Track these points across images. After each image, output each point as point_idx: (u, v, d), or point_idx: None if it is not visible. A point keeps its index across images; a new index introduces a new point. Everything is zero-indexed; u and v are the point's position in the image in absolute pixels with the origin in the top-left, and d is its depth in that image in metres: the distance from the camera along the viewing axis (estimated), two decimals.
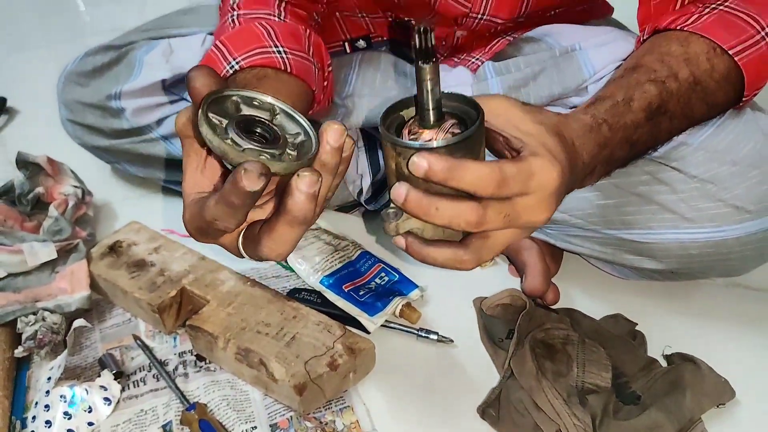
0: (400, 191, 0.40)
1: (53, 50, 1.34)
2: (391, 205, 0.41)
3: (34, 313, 0.70)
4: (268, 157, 0.38)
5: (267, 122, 0.40)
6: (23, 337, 0.69)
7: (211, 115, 0.39)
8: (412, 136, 0.41)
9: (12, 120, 1.15)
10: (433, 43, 0.36)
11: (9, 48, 1.39)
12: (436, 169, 0.38)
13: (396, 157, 0.41)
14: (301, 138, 0.41)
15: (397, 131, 0.42)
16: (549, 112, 0.46)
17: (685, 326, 0.74)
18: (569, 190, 0.47)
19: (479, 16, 0.73)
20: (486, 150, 0.43)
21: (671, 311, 0.76)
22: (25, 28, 1.46)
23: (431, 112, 0.40)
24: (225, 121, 0.39)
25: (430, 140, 0.40)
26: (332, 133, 0.39)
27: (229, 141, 0.38)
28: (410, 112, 0.43)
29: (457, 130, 0.41)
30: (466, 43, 0.81)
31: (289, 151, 0.40)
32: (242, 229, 0.43)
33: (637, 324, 0.72)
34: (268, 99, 0.42)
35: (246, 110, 0.41)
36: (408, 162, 0.39)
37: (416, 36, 0.36)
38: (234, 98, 0.41)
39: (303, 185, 0.37)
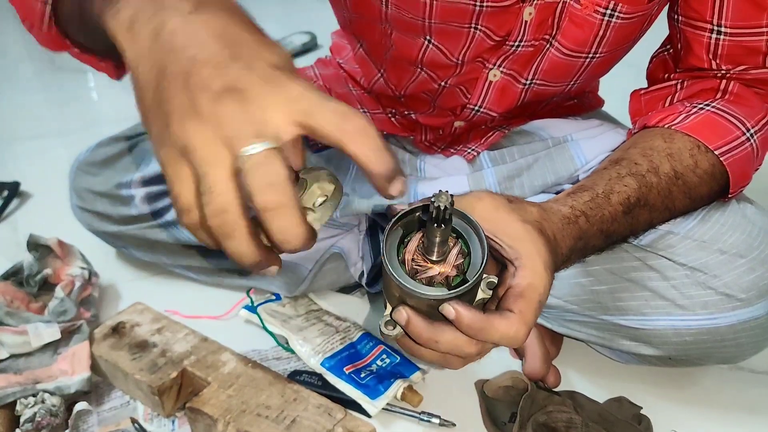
0: (402, 316, 0.43)
1: (66, 138, 1.40)
2: (391, 316, 0.43)
3: (34, 395, 0.70)
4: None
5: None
6: (21, 419, 0.68)
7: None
8: (416, 266, 0.42)
9: (24, 203, 1.18)
10: (450, 214, 0.38)
11: (24, 135, 1.45)
12: (464, 320, 0.41)
13: (398, 289, 0.42)
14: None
15: (402, 237, 0.43)
16: (530, 208, 0.48)
17: (691, 410, 0.74)
18: None
19: (476, 108, 0.77)
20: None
21: (675, 394, 0.76)
22: (40, 117, 1.52)
23: (436, 253, 0.42)
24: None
25: (434, 277, 0.42)
26: None
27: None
28: (412, 220, 0.44)
29: (461, 260, 0.42)
30: (462, 134, 0.85)
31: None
32: None
33: (641, 408, 0.71)
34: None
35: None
36: (410, 299, 0.42)
37: (435, 210, 0.38)
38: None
39: None
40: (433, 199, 0.38)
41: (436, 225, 0.39)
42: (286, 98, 0.35)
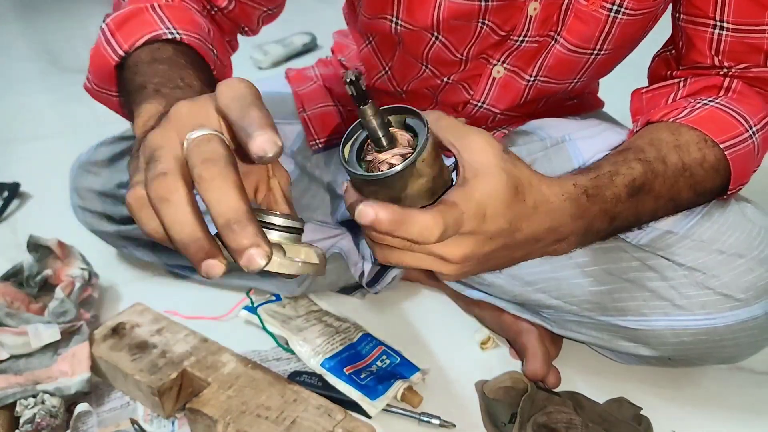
0: (342, 186, 0.46)
1: (67, 138, 1.40)
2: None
3: (34, 396, 0.70)
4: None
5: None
6: (21, 420, 0.68)
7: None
8: (367, 152, 0.44)
9: (24, 204, 1.18)
10: (364, 87, 0.39)
11: (24, 136, 1.45)
12: (381, 218, 0.40)
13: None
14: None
15: (361, 146, 0.45)
16: (528, 169, 0.47)
17: (691, 410, 0.74)
18: (516, 258, 0.48)
19: (479, 104, 0.77)
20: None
21: (675, 394, 0.76)
22: (40, 117, 1.53)
23: (381, 139, 0.43)
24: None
25: (372, 162, 0.43)
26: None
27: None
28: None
29: (406, 150, 0.43)
30: None
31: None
32: None
33: (641, 408, 0.72)
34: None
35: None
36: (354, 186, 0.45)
37: (349, 87, 0.39)
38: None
39: None
40: (346, 81, 0.39)
41: (358, 104, 0.40)
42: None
